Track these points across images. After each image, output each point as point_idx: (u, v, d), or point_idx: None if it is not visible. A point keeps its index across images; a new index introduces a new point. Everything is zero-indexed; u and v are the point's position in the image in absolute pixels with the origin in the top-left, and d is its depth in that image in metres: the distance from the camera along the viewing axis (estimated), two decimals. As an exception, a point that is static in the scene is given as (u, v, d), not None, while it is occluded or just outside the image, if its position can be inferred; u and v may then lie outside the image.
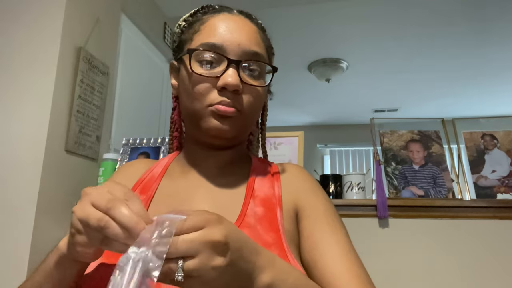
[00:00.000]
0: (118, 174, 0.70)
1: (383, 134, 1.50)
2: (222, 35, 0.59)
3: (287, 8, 2.57)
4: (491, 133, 1.48)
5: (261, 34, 0.65)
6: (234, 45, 0.59)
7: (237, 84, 0.57)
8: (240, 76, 0.58)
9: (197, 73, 0.59)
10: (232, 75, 0.57)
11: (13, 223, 1.24)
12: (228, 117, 0.58)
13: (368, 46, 3.13)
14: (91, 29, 1.53)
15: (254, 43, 0.61)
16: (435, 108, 4.46)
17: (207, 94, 0.59)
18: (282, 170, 0.69)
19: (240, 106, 0.59)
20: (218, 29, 0.60)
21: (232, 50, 0.59)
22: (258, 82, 0.61)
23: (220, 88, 0.58)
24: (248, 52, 0.60)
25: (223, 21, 0.61)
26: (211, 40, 0.59)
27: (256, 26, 0.65)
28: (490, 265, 1.27)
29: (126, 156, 1.52)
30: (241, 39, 0.60)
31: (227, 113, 0.58)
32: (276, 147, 1.47)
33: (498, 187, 1.38)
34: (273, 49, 0.70)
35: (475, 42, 3.01)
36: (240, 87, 0.58)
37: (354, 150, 5.31)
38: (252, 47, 0.60)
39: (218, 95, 0.58)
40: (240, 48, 0.59)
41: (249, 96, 0.60)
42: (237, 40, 0.59)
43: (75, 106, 1.41)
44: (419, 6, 2.55)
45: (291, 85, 3.99)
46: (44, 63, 1.35)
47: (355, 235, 1.36)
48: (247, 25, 0.63)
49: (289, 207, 0.62)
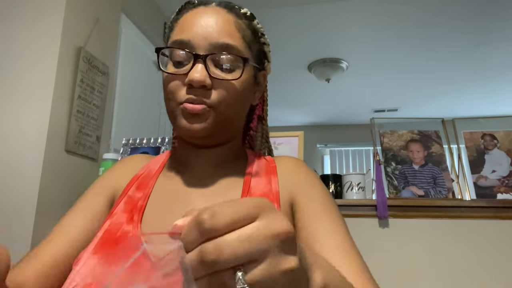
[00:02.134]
0: (116, 169, 0.69)
1: (383, 134, 1.50)
2: (190, 30, 0.57)
3: (287, 8, 2.56)
4: (491, 133, 1.48)
5: (239, 24, 0.60)
6: (201, 39, 0.56)
7: (202, 80, 0.54)
8: (210, 71, 0.55)
9: (166, 72, 0.58)
10: (199, 70, 0.55)
11: (13, 223, 1.24)
12: (198, 114, 0.56)
13: (368, 46, 3.13)
14: (91, 29, 1.53)
15: (224, 34, 0.57)
16: (435, 108, 4.46)
17: (177, 93, 0.57)
18: (278, 163, 0.67)
19: (211, 102, 0.56)
20: (187, 25, 0.58)
21: (200, 44, 0.56)
22: (231, 75, 0.57)
23: (187, 85, 0.56)
24: (216, 45, 0.56)
25: (194, 16, 0.59)
26: (179, 37, 0.58)
27: (234, 16, 0.61)
28: (490, 265, 1.27)
29: (126, 156, 1.52)
30: (209, 32, 0.57)
31: (195, 111, 0.55)
32: (276, 147, 1.47)
33: (498, 187, 1.38)
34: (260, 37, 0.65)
35: (475, 42, 3.01)
36: (206, 82, 0.55)
37: (354, 150, 5.31)
38: (221, 39, 0.57)
39: (186, 93, 0.56)
40: (207, 42, 0.56)
41: (221, 90, 0.56)
42: (204, 34, 0.57)
43: (75, 106, 1.41)
44: (419, 6, 2.55)
45: (291, 85, 3.98)
46: (44, 63, 1.35)
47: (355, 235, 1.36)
48: (221, 16, 0.59)
49: (285, 201, 0.60)
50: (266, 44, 0.67)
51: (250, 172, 0.64)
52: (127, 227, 0.56)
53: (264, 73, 0.67)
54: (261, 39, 0.65)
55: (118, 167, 0.70)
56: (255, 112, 0.71)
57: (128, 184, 0.64)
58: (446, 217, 1.33)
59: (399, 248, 1.33)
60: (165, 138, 1.52)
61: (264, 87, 0.69)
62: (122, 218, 0.58)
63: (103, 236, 0.55)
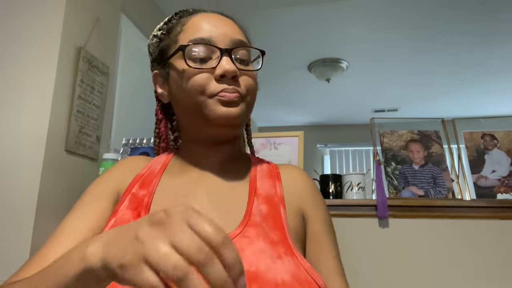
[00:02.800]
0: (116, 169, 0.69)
1: (383, 134, 1.50)
2: (208, 29, 0.62)
3: (287, 8, 2.56)
4: (491, 133, 1.48)
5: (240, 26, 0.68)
6: (221, 36, 0.61)
7: (235, 70, 0.59)
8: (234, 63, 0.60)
9: (194, 67, 0.60)
10: (228, 62, 0.59)
11: (13, 223, 1.24)
12: (234, 102, 0.59)
13: (368, 46, 3.13)
14: (91, 29, 1.53)
15: (236, 32, 0.64)
16: (435, 108, 4.46)
17: (207, 85, 0.59)
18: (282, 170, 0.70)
19: (242, 91, 0.61)
20: (202, 25, 0.63)
21: (221, 40, 0.61)
22: (249, 67, 0.64)
23: (218, 77, 0.59)
24: (235, 41, 0.62)
25: (203, 18, 0.64)
26: (199, 35, 0.61)
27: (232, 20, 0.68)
28: (490, 265, 1.27)
29: (126, 156, 1.52)
30: (226, 30, 0.62)
31: (232, 99, 0.59)
32: (276, 147, 1.47)
33: (498, 187, 1.38)
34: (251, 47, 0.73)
35: (475, 43, 3.01)
36: (237, 72, 0.60)
37: (354, 150, 5.31)
38: (237, 36, 0.63)
39: (218, 84, 0.59)
40: (227, 38, 0.62)
41: (246, 80, 0.62)
42: (223, 31, 0.62)
43: (75, 106, 1.41)
44: (420, 7, 2.55)
45: (291, 85, 3.98)
46: (44, 63, 1.35)
47: (355, 235, 1.37)
48: (225, 19, 0.66)
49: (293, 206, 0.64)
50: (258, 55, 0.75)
51: (254, 172, 0.67)
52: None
53: None
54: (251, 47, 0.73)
55: (117, 167, 0.70)
56: None
57: (131, 183, 0.64)
58: (446, 217, 1.33)
59: (399, 248, 1.33)
60: (165, 138, 1.52)
61: None
62: (128, 215, 0.58)
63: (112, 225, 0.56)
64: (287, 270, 0.50)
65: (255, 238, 0.53)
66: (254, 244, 0.52)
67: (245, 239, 0.53)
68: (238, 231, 0.54)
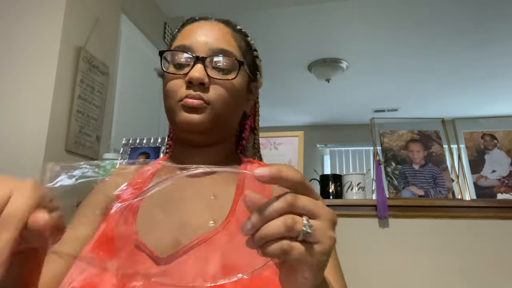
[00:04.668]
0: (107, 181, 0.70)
1: (383, 134, 1.50)
2: (193, 37, 0.64)
3: (287, 8, 2.56)
4: (491, 133, 1.48)
5: (235, 35, 0.68)
6: (202, 44, 0.63)
7: (201, 77, 0.60)
8: (208, 72, 0.61)
9: (167, 72, 0.63)
10: (198, 69, 0.60)
11: (13, 223, 1.24)
12: (196, 108, 0.61)
13: (368, 46, 3.13)
14: (91, 29, 1.53)
15: (222, 42, 0.64)
16: (435, 108, 4.46)
17: (178, 90, 0.62)
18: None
19: (208, 99, 0.61)
20: (189, 33, 0.65)
21: (200, 49, 0.63)
22: (227, 76, 0.64)
23: (187, 83, 0.61)
24: (215, 50, 0.63)
25: (197, 26, 0.66)
26: (182, 42, 0.64)
27: (231, 29, 0.68)
28: (490, 265, 1.27)
29: (126, 156, 1.52)
30: (209, 39, 0.64)
31: (194, 105, 0.60)
32: (276, 147, 1.47)
33: (498, 187, 1.38)
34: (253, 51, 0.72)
35: (475, 42, 3.01)
36: (205, 80, 0.61)
37: (354, 150, 5.31)
38: (219, 45, 0.64)
39: (186, 90, 0.61)
40: (207, 47, 0.63)
41: (217, 89, 0.62)
42: (205, 40, 0.64)
43: (75, 106, 1.41)
44: (420, 7, 2.55)
45: (291, 85, 3.99)
46: (44, 63, 1.35)
47: (355, 235, 1.37)
48: (220, 28, 0.67)
49: None
50: (258, 58, 0.73)
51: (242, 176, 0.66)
52: (122, 227, 0.57)
53: (256, 85, 0.73)
54: (254, 52, 0.72)
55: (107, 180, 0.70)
56: (247, 122, 0.76)
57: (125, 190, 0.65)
58: (446, 217, 1.33)
59: (399, 248, 1.33)
60: (165, 138, 1.52)
61: (256, 98, 0.75)
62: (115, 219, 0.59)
63: (99, 238, 0.57)
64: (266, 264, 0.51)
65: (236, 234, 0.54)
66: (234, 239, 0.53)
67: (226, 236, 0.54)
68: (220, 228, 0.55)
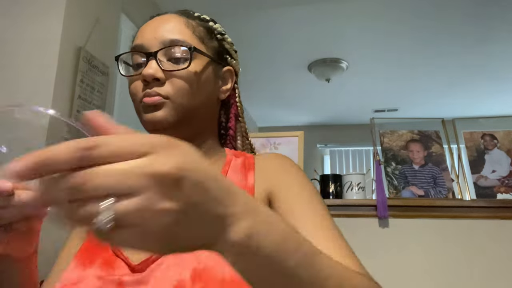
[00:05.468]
0: None
1: (383, 134, 1.50)
2: (142, 35, 0.63)
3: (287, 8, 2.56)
4: (491, 133, 1.48)
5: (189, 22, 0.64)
6: (152, 39, 0.61)
7: (153, 73, 0.58)
8: (162, 66, 0.59)
9: (125, 76, 0.63)
10: (151, 66, 0.59)
11: (13, 223, 1.24)
12: (156, 106, 0.59)
13: (368, 46, 3.13)
14: (91, 29, 1.53)
15: (173, 31, 0.62)
16: (435, 108, 4.46)
17: (137, 92, 0.61)
18: (257, 159, 0.65)
19: (166, 93, 0.59)
20: (142, 32, 0.64)
21: (151, 44, 0.61)
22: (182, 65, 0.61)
23: (143, 81, 0.60)
24: (165, 41, 0.60)
25: (148, 24, 0.65)
26: (135, 43, 0.64)
27: (185, 17, 0.65)
28: (490, 265, 1.27)
29: (126, 156, 1.52)
30: (158, 32, 0.61)
31: (153, 102, 0.59)
32: (276, 147, 1.47)
33: (498, 187, 1.38)
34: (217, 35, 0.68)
35: (475, 42, 3.01)
36: (158, 75, 0.59)
37: (354, 150, 5.30)
38: (169, 36, 0.61)
39: (144, 89, 0.60)
40: (157, 41, 0.61)
41: (174, 81, 0.60)
42: (154, 34, 0.61)
43: (75, 106, 1.41)
44: (419, 7, 2.55)
45: (291, 85, 3.98)
46: (44, 63, 1.35)
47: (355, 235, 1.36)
48: (171, 18, 0.64)
49: (261, 195, 0.59)
50: (226, 42, 0.69)
51: (226, 169, 0.64)
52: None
53: (229, 69, 0.68)
54: (219, 36, 0.68)
55: None
56: (231, 111, 0.72)
57: None
58: (446, 217, 1.33)
59: (399, 248, 1.33)
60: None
61: (232, 83, 0.70)
62: None
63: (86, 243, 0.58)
64: None
65: None
66: None
67: None
68: None
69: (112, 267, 0.53)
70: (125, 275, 0.51)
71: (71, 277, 0.52)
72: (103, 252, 0.55)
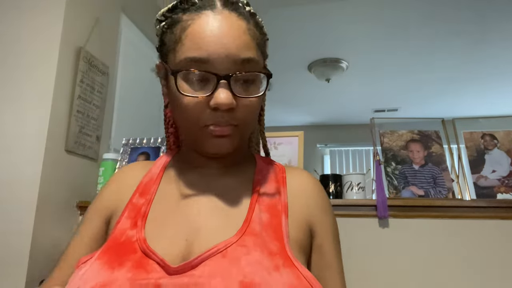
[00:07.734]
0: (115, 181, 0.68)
1: (383, 134, 1.50)
2: (207, 45, 0.53)
3: (287, 8, 2.56)
4: (491, 133, 1.48)
5: (251, 30, 0.57)
6: (222, 57, 0.53)
7: (230, 103, 0.53)
8: (233, 91, 0.54)
9: (186, 95, 0.54)
10: (224, 92, 0.53)
11: (13, 222, 1.24)
12: (226, 135, 0.56)
13: (368, 46, 3.13)
14: (91, 29, 1.53)
15: (243, 48, 0.54)
16: (435, 108, 4.46)
17: (200, 115, 0.55)
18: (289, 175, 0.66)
19: (236, 121, 0.56)
20: (201, 39, 0.53)
21: (221, 63, 0.53)
22: (252, 90, 0.56)
23: (213, 107, 0.54)
24: (238, 61, 0.54)
25: (206, 26, 0.54)
26: (196, 54, 0.53)
27: (245, 21, 0.57)
28: (490, 265, 1.27)
29: (126, 156, 1.52)
30: (228, 48, 0.53)
31: (224, 133, 0.55)
32: (276, 147, 1.47)
33: (498, 187, 1.38)
34: (265, 36, 0.62)
35: (475, 42, 3.01)
36: (233, 104, 0.54)
37: (354, 150, 5.31)
38: (242, 54, 0.54)
39: (211, 115, 0.54)
40: (229, 59, 0.53)
41: (244, 108, 0.56)
42: (224, 51, 0.53)
43: (75, 106, 1.41)
44: (419, 7, 2.55)
45: (291, 85, 3.99)
46: (44, 63, 1.35)
47: (355, 235, 1.37)
48: (234, 24, 0.55)
49: (298, 216, 0.60)
50: (267, 39, 0.64)
51: (259, 177, 0.64)
52: (131, 232, 0.56)
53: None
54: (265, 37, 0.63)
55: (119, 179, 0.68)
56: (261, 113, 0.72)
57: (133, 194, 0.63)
58: (446, 217, 1.33)
59: (399, 248, 1.33)
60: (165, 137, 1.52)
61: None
62: (126, 224, 0.58)
63: (108, 243, 0.55)
64: (284, 282, 0.48)
65: (252, 248, 0.51)
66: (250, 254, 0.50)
67: (241, 248, 0.50)
68: (235, 239, 0.52)
69: (145, 270, 0.49)
70: (162, 277, 0.48)
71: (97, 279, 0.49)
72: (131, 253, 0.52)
